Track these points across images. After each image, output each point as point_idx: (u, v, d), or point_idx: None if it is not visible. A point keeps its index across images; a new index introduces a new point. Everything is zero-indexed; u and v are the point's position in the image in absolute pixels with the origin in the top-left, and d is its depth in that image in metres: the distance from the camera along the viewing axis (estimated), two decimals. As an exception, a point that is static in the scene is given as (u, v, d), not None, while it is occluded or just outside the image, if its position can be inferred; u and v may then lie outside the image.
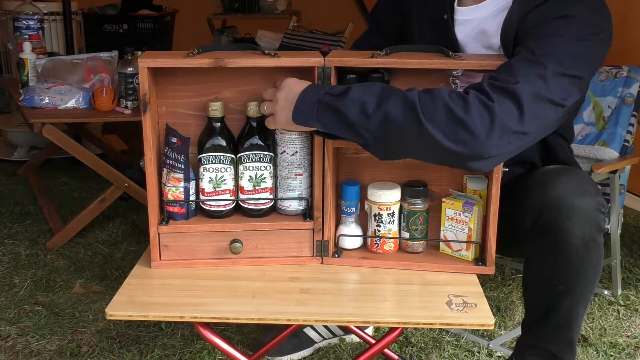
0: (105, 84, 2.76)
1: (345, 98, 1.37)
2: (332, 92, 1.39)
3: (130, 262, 2.53)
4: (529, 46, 1.43)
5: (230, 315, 1.38)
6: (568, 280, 1.49)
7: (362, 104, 1.35)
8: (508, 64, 1.41)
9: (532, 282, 1.58)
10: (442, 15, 1.66)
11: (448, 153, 1.32)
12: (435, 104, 1.32)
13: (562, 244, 1.45)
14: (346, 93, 1.37)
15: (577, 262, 1.46)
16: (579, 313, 1.55)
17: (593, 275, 1.50)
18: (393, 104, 1.33)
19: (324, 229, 1.56)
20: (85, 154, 2.70)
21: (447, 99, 1.32)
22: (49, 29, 3.47)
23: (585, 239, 1.44)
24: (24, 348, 2.01)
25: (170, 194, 1.53)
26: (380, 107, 1.34)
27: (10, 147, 3.83)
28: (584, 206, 1.44)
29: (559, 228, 1.44)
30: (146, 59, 1.44)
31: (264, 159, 1.53)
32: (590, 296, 1.55)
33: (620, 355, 2.01)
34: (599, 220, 1.46)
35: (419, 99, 1.33)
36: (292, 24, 3.79)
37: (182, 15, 4.66)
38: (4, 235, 2.79)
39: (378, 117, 1.34)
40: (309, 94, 1.40)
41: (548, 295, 1.53)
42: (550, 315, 1.54)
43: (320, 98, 1.38)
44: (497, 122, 1.31)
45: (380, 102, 1.34)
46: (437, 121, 1.31)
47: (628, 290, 2.36)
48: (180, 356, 1.97)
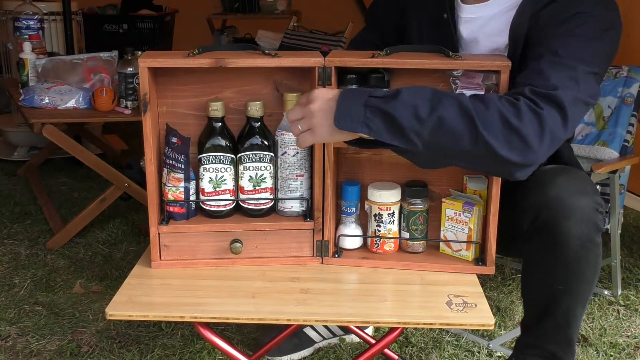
0: (105, 84, 2.76)
1: (396, 101, 1.29)
2: (377, 95, 1.31)
3: (130, 262, 2.53)
4: (550, 47, 1.42)
5: (230, 315, 1.38)
6: (566, 280, 1.49)
7: (415, 108, 1.29)
8: (537, 69, 1.39)
9: (530, 282, 1.58)
10: (441, 15, 1.66)
11: (501, 161, 1.30)
12: (489, 110, 1.29)
13: (560, 244, 1.44)
14: (396, 96, 1.30)
15: (575, 262, 1.46)
16: (577, 313, 1.55)
17: (592, 275, 1.50)
18: (447, 109, 1.28)
19: (324, 229, 1.56)
20: (85, 154, 2.70)
21: (500, 106, 1.30)
22: (49, 29, 3.46)
23: (583, 239, 1.44)
24: (24, 348, 2.01)
25: (171, 194, 1.53)
26: (434, 111, 1.28)
27: (10, 147, 3.83)
28: (582, 206, 1.44)
29: (557, 228, 1.44)
30: (146, 59, 1.44)
31: (264, 159, 1.53)
32: (589, 296, 1.55)
33: (620, 355, 2.01)
34: (597, 220, 1.46)
35: (472, 104, 1.30)
36: (292, 24, 3.79)
37: (182, 15, 4.66)
38: (4, 235, 2.79)
39: (432, 122, 1.29)
40: (351, 99, 1.31)
41: (547, 295, 1.53)
42: (549, 315, 1.54)
43: (366, 101, 1.30)
44: (547, 130, 1.30)
45: (433, 106, 1.29)
46: (493, 128, 1.28)
47: (628, 290, 2.36)
48: (180, 356, 1.97)
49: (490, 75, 1.49)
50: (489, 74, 1.49)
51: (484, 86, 1.49)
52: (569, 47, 1.41)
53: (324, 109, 1.32)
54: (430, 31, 1.70)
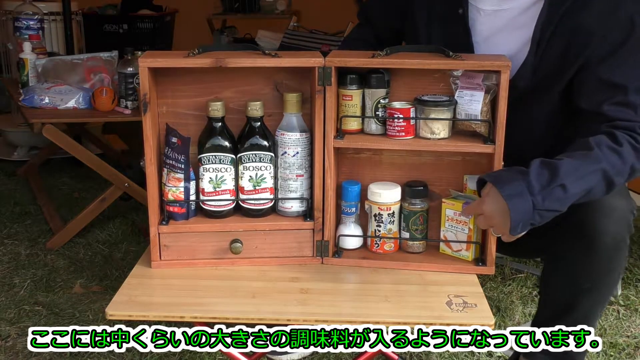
0: (105, 84, 2.76)
1: (557, 200, 1.36)
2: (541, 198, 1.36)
3: (130, 262, 2.53)
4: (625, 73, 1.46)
5: (230, 315, 1.38)
6: (594, 279, 1.49)
7: (574, 196, 1.38)
8: (630, 103, 1.45)
9: (553, 279, 1.57)
10: (455, 10, 1.61)
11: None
12: (625, 166, 1.40)
13: (595, 241, 1.45)
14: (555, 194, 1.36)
15: (606, 260, 1.47)
16: (597, 312, 1.56)
17: (617, 276, 1.53)
18: (596, 185, 1.39)
19: (324, 229, 1.56)
20: (85, 154, 2.70)
21: (634, 162, 1.41)
22: (49, 29, 3.46)
23: (618, 239, 1.45)
24: (24, 348, 2.01)
25: (171, 194, 1.53)
26: (585, 190, 1.38)
27: (10, 147, 3.83)
28: (619, 206, 1.46)
29: (593, 225, 1.44)
30: (146, 59, 1.44)
31: (264, 159, 1.53)
32: (608, 298, 1.56)
33: (620, 355, 2.01)
34: (631, 222, 1.48)
35: (613, 167, 1.39)
36: (292, 24, 3.78)
37: (182, 15, 4.65)
38: (4, 235, 2.78)
39: (583, 197, 1.39)
40: (520, 208, 1.36)
41: (571, 293, 1.53)
42: (570, 313, 1.53)
43: (534, 206, 1.36)
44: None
45: (583, 187, 1.38)
46: (625, 179, 1.43)
47: (628, 290, 2.36)
48: (180, 356, 1.97)
49: (491, 75, 1.49)
50: (489, 74, 1.49)
51: (484, 86, 1.49)
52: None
53: (505, 222, 1.38)
54: (441, 29, 1.65)
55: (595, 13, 1.47)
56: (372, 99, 1.54)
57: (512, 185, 1.36)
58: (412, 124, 1.52)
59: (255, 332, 1.35)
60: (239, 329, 1.36)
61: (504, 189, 1.36)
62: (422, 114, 1.51)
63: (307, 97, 1.55)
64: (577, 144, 1.43)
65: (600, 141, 1.40)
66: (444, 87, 1.56)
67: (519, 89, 1.52)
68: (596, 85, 1.48)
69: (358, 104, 1.54)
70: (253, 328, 1.36)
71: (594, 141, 1.40)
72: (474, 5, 1.61)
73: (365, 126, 1.57)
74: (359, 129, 1.57)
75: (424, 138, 1.53)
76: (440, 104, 1.51)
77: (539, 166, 1.38)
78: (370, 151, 1.60)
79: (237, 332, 1.35)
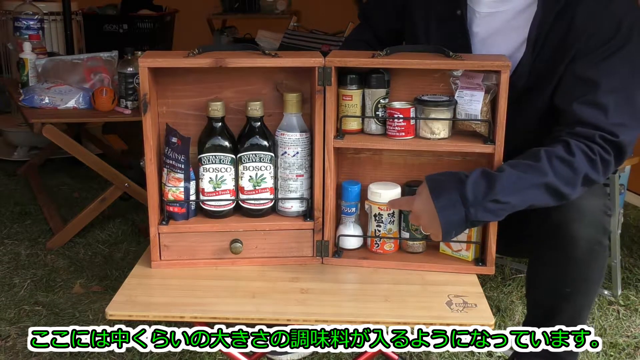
0: (105, 84, 2.76)
1: (490, 212, 1.38)
2: (474, 208, 1.36)
3: (130, 262, 2.53)
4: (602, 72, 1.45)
5: (230, 315, 1.38)
6: (574, 283, 1.49)
7: (512, 207, 1.38)
8: (599, 103, 1.43)
9: (537, 282, 1.57)
10: (454, 11, 1.62)
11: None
12: (577, 177, 1.40)
13: (569, 246, 1.45)
14: (489, 207, 1.37)
15: (583, 264, 1.46)
16: (582, 315, 1.55)
17: (598, 278, 1.51)
18: (539, 197, 1.39)
19: (324, 229, 1.56)
20: (85, 154, 2.70)
21: (587, 170, 1.40)
22: (49, 29, 3.46)
23: (592, 242, 1.44)
24: (24, 348, 2.01)
25: (171, 194, 1.53)
26: (528, 204, 1.39)
27: (10, 147, 3.83)
28: (591, 209, 1.45)
29: (566, 230, 1.44)
30: (146, 59, 1.44)
31: (264, 159, 1.53)
32: (594, 298, 1.55)
33: (620, 355, 2.01)
34: (605, 223, 1.47)
35: (560, 180, 1.38)
36: (292, 24, 3.78)
37: (182, 15, 4.66)
38: (4, 235, 2.78)
39: (526, 208, 1.40)
40: (451, 220, 1.38)
41: (553, 297, 1.53)
42: (554, 317, 1.53)
43: (466, 216, 1.37)
44: (608, 172, 1.44)
45: (525, 200, 1.39)
46: (578, 190, 1.41)
47: (628, 290, 2.36)
48: (180, 356, 1.97)
49: (491, 75, 1.49)
50: (489, 74, 1.49)
51: (484, 86, 1.49)
52: (621, 72, 1.44)
53: (434, 226, 1.40)
54: (439, 29, 1.66)
55: (587, 11, 1.48)
56: (372, 99, 1.54)
57: (446, 197, 1.38)
58: (412, 124, 1.52)
59: (255, 332, 1.35)
60: (239, 329, 1.36)
61: (438, 200, 1.38)
62: (422, 114, 1.51)
63: (307, 97, 1.55)
64: (528, 154, 1.43)
65: (552, 153, 1.40)
66: (444, 87, 1.56)
67: (517, 89, 1.52)
68: (571, 80, 1.48)
69: (358, 104, 1.54)
70: (253, 328, 1.36)
71: (545, 153, 1.40)
72: (470, 7, 1.62)
73: (365, 126, 1.57)
74: (359, 129, 1.57)
75: (424, 138, 1.53)
76: (440, 104, 1.51)
77: (478, 176, 1.38)
78: (370, 151, 1.61)
79: (237, 332, 1.35)
